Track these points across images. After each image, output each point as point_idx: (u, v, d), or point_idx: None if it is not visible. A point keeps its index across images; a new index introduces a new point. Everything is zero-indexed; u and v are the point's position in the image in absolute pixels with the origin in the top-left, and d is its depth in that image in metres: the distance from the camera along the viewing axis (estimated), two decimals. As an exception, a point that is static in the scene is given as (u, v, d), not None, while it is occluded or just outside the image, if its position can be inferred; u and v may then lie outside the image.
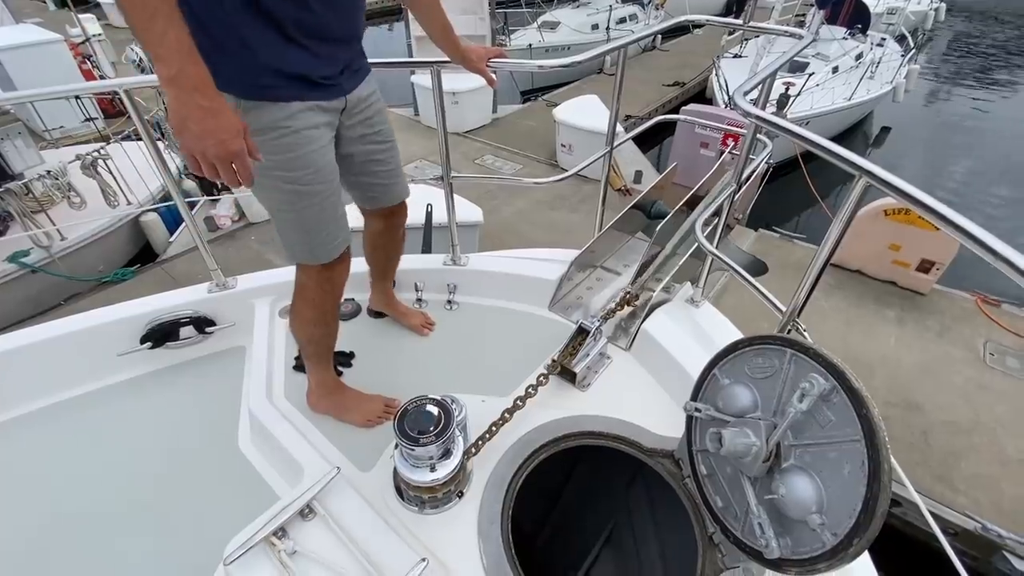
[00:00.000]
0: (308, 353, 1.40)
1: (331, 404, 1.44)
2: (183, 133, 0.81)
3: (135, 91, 1.47)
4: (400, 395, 1.15)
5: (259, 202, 1.15)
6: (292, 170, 1.04)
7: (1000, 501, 2.92)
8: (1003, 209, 7.98)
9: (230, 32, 0.92)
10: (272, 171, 1.03)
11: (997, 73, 15.22)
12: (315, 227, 1.15)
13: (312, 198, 1.10)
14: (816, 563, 0.89)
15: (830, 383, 0.90)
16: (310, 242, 1.16)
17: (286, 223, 1.14)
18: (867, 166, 0.88)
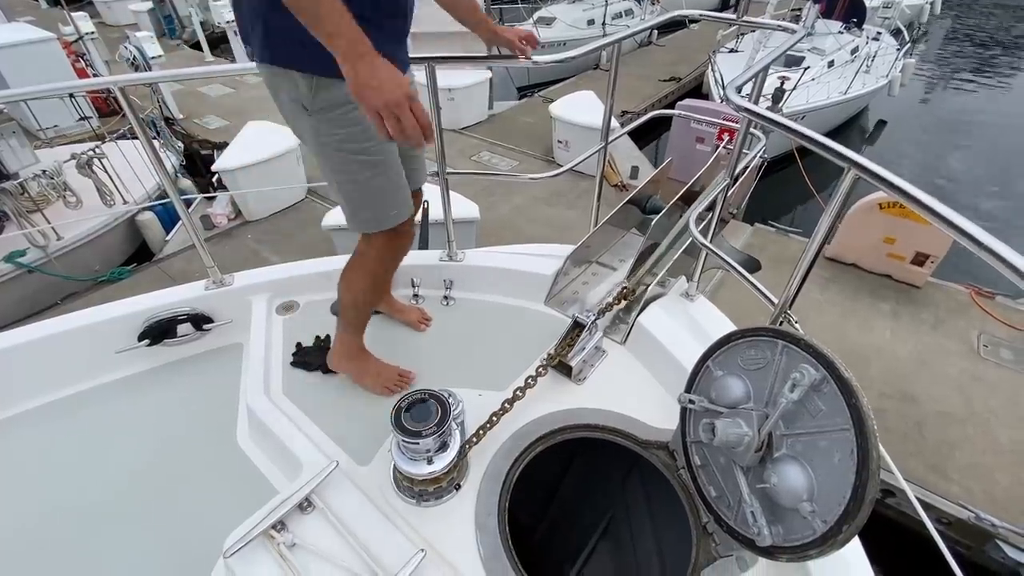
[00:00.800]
0: (348, 316, 1.45)
1: (352, 367, 1.50)
2: (368, 92, 0.88)
3: (129, 89, 1.47)
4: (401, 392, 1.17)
5: (328, 178, 1.20)
6: (361, 142, 1.10)
7: (993, 491, 2.95)
8: (998, 202, 8.02)
9: None
10: (344, 144, 1.10)
11: (993, 66, 15.25)
12: (382, 196, 1.21)
13: (378, 167, 1.16)
14: (807, 549, 0.90)
15: (820, 373, 0.91)
16: (377, 210, 1.22)
17: (355, 194, 1.18)
18: (856, 158, 0.89)
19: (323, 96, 1.04)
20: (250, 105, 8.82)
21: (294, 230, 5.51)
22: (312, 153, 1.18)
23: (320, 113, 1.06)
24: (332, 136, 1.08)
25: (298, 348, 1.62)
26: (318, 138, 1.10)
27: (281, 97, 1.09)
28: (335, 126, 1.07)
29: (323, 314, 1.77)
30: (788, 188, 6.87)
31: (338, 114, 1.07)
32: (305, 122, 1.09)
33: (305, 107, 1.06)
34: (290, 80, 1.04)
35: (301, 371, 1.56)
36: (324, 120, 1.07)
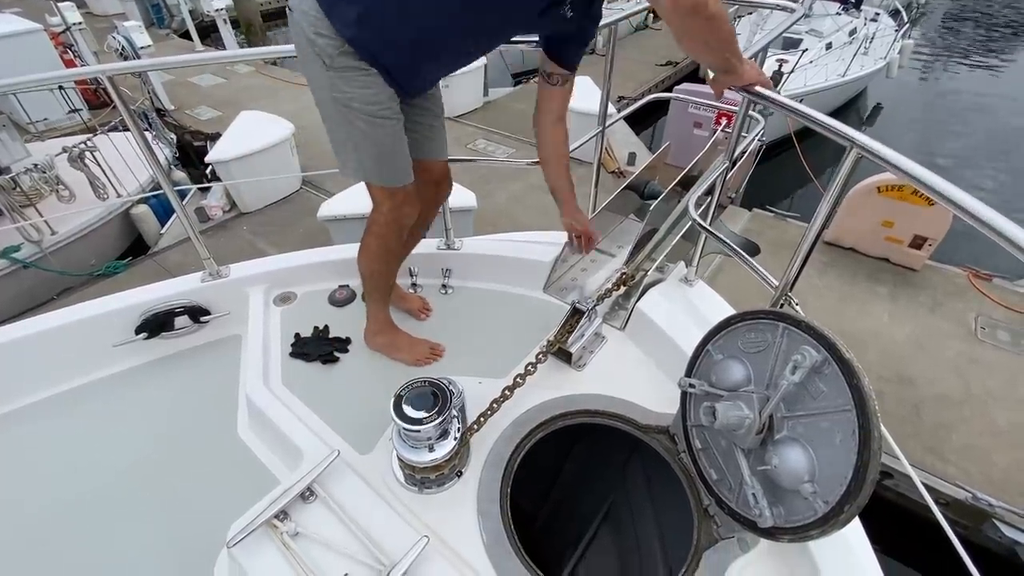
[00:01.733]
0: (369, 287, 1.52)
1: (385, 342, 1.57)
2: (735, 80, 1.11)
3: (119, 80, 1.44)
4: (397, 379, 1.17)
5: (334, 129, 1.25)
6: (369, 103, 1.17)
7: (990, 471, 2.98)
8: (998, 183, 8.01)
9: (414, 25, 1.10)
10: (352, 102, 1.16)
11: (991, 47, 15.13)
12: (388, 152, 1.26)
13: (383, 128, 1.21)
14: (809, 530, 0.91)
15: (822, 355, 0.91)
16: (379, 164, 1.27)
17: (362, 149, 1.24)
18: (859, 138, 0.88)
19: (343, 60, 1.11)
20: (242, 95, 8.72)
21: (290, 221, 5.48)
22: (323, 105, 1.22)
23: (337, 71, 1.13)
24: (343, 93, 1.15)
25: (296, 339, 1.61)
26: (333, 93, 1.16)
27: (306, 47, 1.13)
28: (347, 84, 1.14)
29: (321, 304, 1.76)
30: (786, 173, 6.84)
31: (353, 75, 1.14)
32: (324, 76, 1.15)
33: (325, 62, 1.12)
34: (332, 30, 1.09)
35: (300, 362, 1.55)
36: (339, 77, 1.13)
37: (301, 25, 1.12)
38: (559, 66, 1.37)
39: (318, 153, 6.58)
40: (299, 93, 8.85)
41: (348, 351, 1.59)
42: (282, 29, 16.18)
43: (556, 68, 1.37)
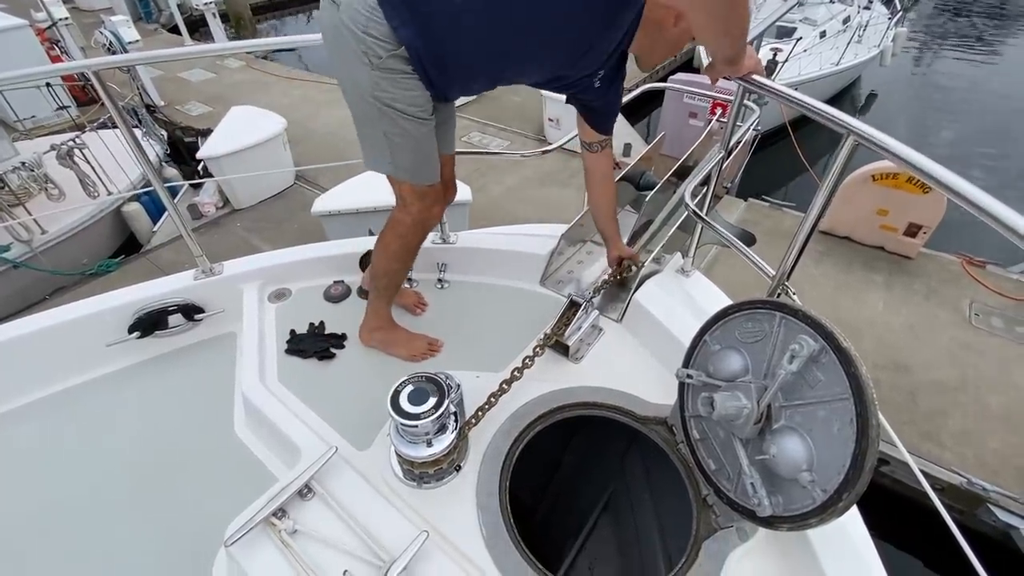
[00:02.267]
0: (379, 285, 1.51)
1: (381, 338, 1.57)
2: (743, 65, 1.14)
3: (107, 76, 1.41)
4: (395, 375, 1.16)
5: (369, 127, 1.25)
6: (408, 104, 1.19)
7: (984, 456, 3.01)
8: (992, 171, 8.03)
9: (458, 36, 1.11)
10: (396, 103, 1.18)
11: (984, 34, 15.13)
12: (424, 153, 1.29)
13: (419, 127, 1.23)
14: (807, 519, 0.91)
15: (819, 344, 0.91)
16: (413, 161, 1.29)
17: (399, 148, 1.25)
18: (856, 125, 0.87)
19: (392, 62, 1.12)
20: (232, 90, 8.64)
21: (284, 217, 5.44)
22: (360, 102, 1.21)
23: (383, 71, 1.13)
24: (387, 94, 1.16)
25: (292, 335, 1.60)
26: (374, 92, 1.16)
27: (352, 42, 1.12)
28: (392, 86, 1.15)
29: (316, 300, 1.74)
30: (781, 162, 6.83)
31: (399, 78, 1.14)
32: (366, 74, 1.14)
33: (371, 61, 1.12)
34: (388, 32, 1.09)
35: (296, 358, 1.54)
36: (385, 77, 1.14)
37: (345, 22, 1.10)
38: (596, 132, 1.48)
39: (311, 148, 6.53)
40: (290, 87, 8.77)
41: (344, 347, 1.58)
42: (272, 22, 16.01)
43: (593, 136, 1.50)
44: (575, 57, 1.22)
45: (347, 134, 1.31)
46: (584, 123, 1.49)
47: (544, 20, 1.11)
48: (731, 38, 1.06)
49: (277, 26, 15.94)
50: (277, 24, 16.05)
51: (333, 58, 1.20)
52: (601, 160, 1.55)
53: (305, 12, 16.94)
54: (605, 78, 1.31)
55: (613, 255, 1.71)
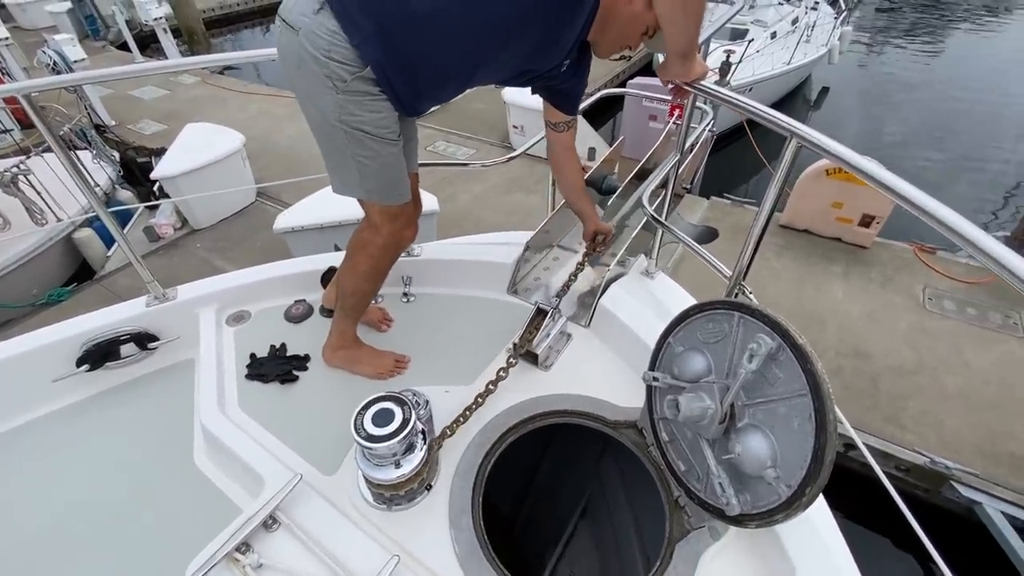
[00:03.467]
0: (347, 305, 1.48)
1: (345, 357, 1.53)
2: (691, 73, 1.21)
3: (52, 96, 1.34)
4: (361, 394, 1.13)
5: (337, 151, 1.22)
6: (377, 126, 1.18)
7: (944, 435, 3.13)
8: (935, 161, 8.44)
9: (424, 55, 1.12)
10: (364, 125, 1.16)
11: (924, 30, 15.96)
12: (393, 174, 1.27)
13: (388, 148, 1.22)
14: (774, 514, 0.92)
15: (776, 342, 0.92)
16: (383, 183, 1.27)
17: (367, 171, 1.23)
18: (797, 127, 0.90)
19: (357, 84, 1.10)
20: (188, 107, 8.39)
21: (246, 235, 5.30)
22: (326, 127, 1.19)
23: (349, 94, 1.11)
24: (355, 117, 1.14)
25: (252, 359, 1.55)
26: (340, 115, 1.14)
27: (314, 66, 1.09)
28: (359, 108, 1.13)
29: (277, 322, 1.69)
30: (741, 160, 7.03)
31: (365, 100, 1.13)
32: (330, 99, 1.12)
33: (336, 85, 1.10)
34: (352, 55, 1.07)
35: (257, 383, 1.49)
36: (351, 100, 1.12)
37: (306, 47, 1.07)
38: (564, 114, 1.49)
39: (272, 163, 6.39)
40: (248, 102, 8.58)
41: (307, 369, 1.53)
42: (227, 36, 15.67)
43: (561, 117, 1.50)
44: (541, 51, 1.22)
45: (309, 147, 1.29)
46: (551, 105, 1.49)
47: (508, 19, 1.11)
48: (687, 17, 1.09)
49: (233, 40, 15.61)
50: (233, 38, 15.71)
51: (295, 84, 1.16)
52: (567, 136, 1.56)
53: (262, 25, 16.64)
54: (572, 63, 1.32)
55: (590, 229, 1.71)
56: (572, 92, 1.45)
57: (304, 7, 1.07)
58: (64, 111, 5.85)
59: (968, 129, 9.43)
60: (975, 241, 0.69)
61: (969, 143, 8.94)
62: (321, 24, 1.05)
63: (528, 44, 1.19)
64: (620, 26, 1.23)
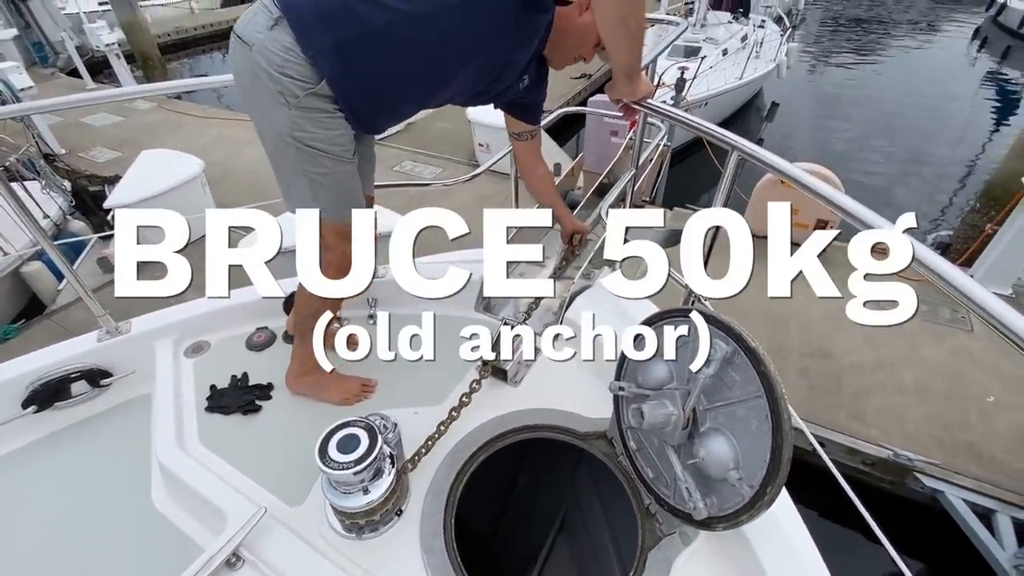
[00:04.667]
0: (305, 327, 1.43)
1: (309, 383, 1.49)
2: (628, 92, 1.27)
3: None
4: (327, 421, 1.10)
5: (290, 168, 1.22)
6: (330, 144, 1.17)
7: (905, 427, 3.26)
8: (880, 165, 8.92)
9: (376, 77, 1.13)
10: (315, 142, 1.15)
11: (864, 44, 17.00)
12: (347, 192, 1.26)
13: (341, 165, 1.21)
14: (739, 515, 0.94)
15: (731, 346, 0.95)
16: (337, 199, 1.25)
17: (320, 188, 1.22)
18: (737, 141, 0.94)
19: (311, 100, 1.09)
20: (143, 133, 8.18)
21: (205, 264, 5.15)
22: (278, 143, 1.18)
23: (301, 110, 1.10)
24: (308, 134, 1.13)
25: (212, 391, 1.50)
26: (293, 132, 1.13)
27: (267, 82, 1.08)
28: (312, 125, 1.12)
29: (238, 351, 1.65)
30: (702, 171, 7.26)
31: (319, 116, 1.12)
32: (283, 114, 1.11)
33: (289, 101, 1.09)
34: (307, 72, 1.07)
35: (218, 416, 1.44)
36: (304, 116, 1.11)
37: (260, 63, 1.06)
38: (525, 124, 1.53)
39: (233, 188, 6.27)
40: (207, 127, 8.42)
41: (271, 398, 1.49)
42: (184, 61, 15.40)
43: (522, 127, 1.54)
44: (499, 71, 1.25)
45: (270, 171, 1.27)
46: (513, 118, 1.52)
47: (464, 40, 1.13)
48: (628, 36, 1.13)
49: (191, 65, 15.35)
50: (190, 63, 15.46)
51: (248, 100, 1.16)
52: (533, 145, 1.60)
53: (220, 50, 16.45)
54: (530, 79, 1.35)
55: (567, 230, 1.74)
56: (533, 104, 1.49)
57: (259, 23, 1.07)
58: (11, 140, 5.63)
59: (911, 134, 10.05)
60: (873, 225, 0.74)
61: (913, 146, 9.51)
62: (275, 40, 1.05)
63: (485, 64, 1.21)
64: (573, 38, 1.27)
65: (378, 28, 1.07)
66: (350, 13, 1.06)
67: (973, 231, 5.39)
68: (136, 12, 11.76)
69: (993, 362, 3.59)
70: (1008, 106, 11.96)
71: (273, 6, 1.06)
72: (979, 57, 16.26)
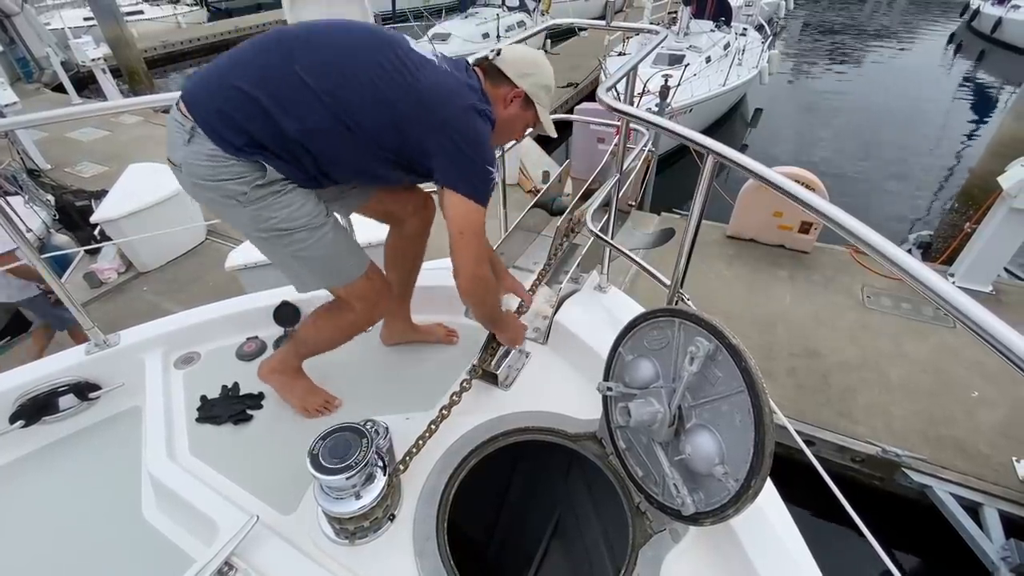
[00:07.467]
0: (300, 346, 1.44)
1: (279, 381, 1.49)
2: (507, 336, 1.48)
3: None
4: (319, 428, 1.11)
5: (277, 256, 1.23)
6: (299, 218, 1.16)
7: (892, 423, 3.30)
8: (862, 168, 9.08)
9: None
10: (283, 223, 1.15)
11: (843, 51, 17.35)
12: (334, 253, 1.25)
13: (322, 229, 1.20)
14: (725, 510, 0.96)
15: (713, 343, 0.98)
16: (334, 267, 1.27)
17: (306, 262, 1.23)
18: (713, 146, 0.97)
19: (257, 192, 1.10)
20: (130, 147, 8.13)
21: (197, 275, 5.12)
22: (253, 238, 1.20)
23: (255, 203, 1.11)
24: (271, 220, 1.14)
25: (203, 402, 1.50)
26: (258, 225, 1.14)
27: (210, 192, 1.10)
28: (270, 210, 1.12)
29: (228, 361, 1.65)
30: (689, 176, 7.35)
31: (272, 199, 1.11)
32: (241, 213, 1.13)
33: (239, 200, 1.10)
34: (240, 169, 1.07)
35: (209, 426, 1.44)
36: (260, 207, 1.11)
37: (194, 180, 1.08)
38: None
39: (223, 201, 6.24)
40: (196, 140, 8.38)
41: (262, 407, 1.50)
42: (172, 76, 15.36)
43: None
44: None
45: None
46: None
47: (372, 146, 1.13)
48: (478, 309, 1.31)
49: (178, 79, 15.30)
50: (178, 77, 15.41)
51: (212, 211, 1.17)
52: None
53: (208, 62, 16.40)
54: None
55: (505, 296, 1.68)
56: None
57: (176, 142, 1.08)
58: (-6, 156, 5.57)
59: (892, 137, 10.26)
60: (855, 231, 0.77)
61: (893, 149, 9.70)
62: (196, 152, 1.05)
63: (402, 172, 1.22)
64: (501, 128, 1.28)
65: (293, 136, 1.07)
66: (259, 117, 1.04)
67: (953, 230, 5.50)
68: (122, 27, 11.71)
69: (975, 358, 3.66)
70: (983, 108, 12.26)
71: (184, 117, 1.06)
72: (955, 61, 16.67)
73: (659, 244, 4.88)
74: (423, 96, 1.10)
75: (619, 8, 18.72)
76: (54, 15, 13.39)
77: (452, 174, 1.14)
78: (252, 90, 1.03)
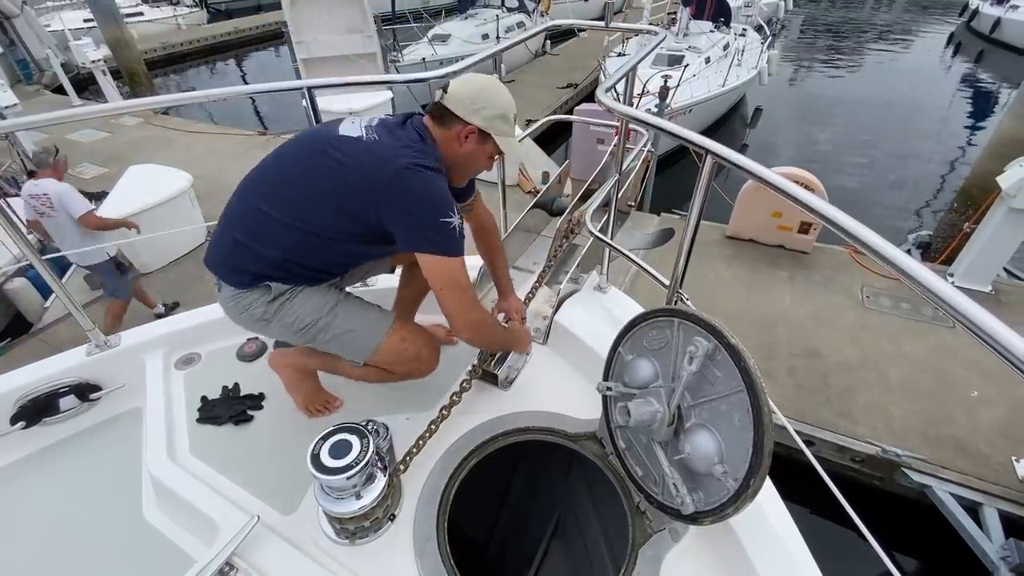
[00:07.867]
0: (326, 364, 1.48)
1: (289, 375, 1.51)
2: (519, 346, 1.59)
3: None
4: (318, 429, 1.11)
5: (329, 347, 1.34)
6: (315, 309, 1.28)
7: (891, 423, 3.31)
8: (861, 167, 9.09)
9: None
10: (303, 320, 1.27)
11: (842, 50, 17.37)
12: (358, 323, 1.33)
13: (337, 303, 1.31)
14: (725, 509, 0.96)
15: (712, 343, 0.98)
16: (365, 335, 1.33)
17: (341, 338, 1.31)
18: (711, 146, 0.97)
19: (272, 307, 1.25)
20: (130, 149, 8.15)
21: (198, 276, 5.12)
22: (300, 344, 1.36)
23: (276, 317, 1.26)
24: (294, 323, 1.27)
25: (204, 402, 1.50)
26: (290, 330, 1.28)
27: (246, 322, 1.30)
28: (290, 316, 1.26)
29: (229, 362, 1.66)
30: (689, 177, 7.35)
31: (287, 307, 1.26)
32: (274, 327, 1.28)
33: (265, 319, 1.26)
34: (253, 297, 1.24)
35: (210, 426, 1.45)
36: (282, 317, 1.26)
37: (234, 318, 1.31)
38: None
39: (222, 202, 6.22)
40: (194, 141, 8.40)
41: (262, 407, 1.50)
42: (172, 77, 15.37)
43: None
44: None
45: None
46: None
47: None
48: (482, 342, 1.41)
49: (178, 80, 15.32)
50: (178, 78, 15.43)
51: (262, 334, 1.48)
52: (474, 215, 1.60)
53: (207, 64, 16.45)
54: None
55: (502, 305, 1.71)
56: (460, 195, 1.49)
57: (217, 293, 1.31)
58: (-5, 158, 5.58)
59: (891, 137, 10.27)
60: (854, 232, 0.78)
61: (893, 149, 9.71)
62: (225, 298, 1.27)
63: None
64: (464, 164, 1.31)
65: (277, 261, 1.21)
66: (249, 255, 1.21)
67: (952, 230, 5.49)
68: (122, 28, 11.71)
69: (975, 358, 3.66)
70: (982, 108, 12.28)
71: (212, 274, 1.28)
72: (954, 61, 16.69)
73: (658, 244, 4.89)
74: (348, 176, 1.16)
75: (618, 9, 18.75)
76: (54, 17, 13.42)
77: (410, 239, 1.17)
78: (238, 235, 1.22)
